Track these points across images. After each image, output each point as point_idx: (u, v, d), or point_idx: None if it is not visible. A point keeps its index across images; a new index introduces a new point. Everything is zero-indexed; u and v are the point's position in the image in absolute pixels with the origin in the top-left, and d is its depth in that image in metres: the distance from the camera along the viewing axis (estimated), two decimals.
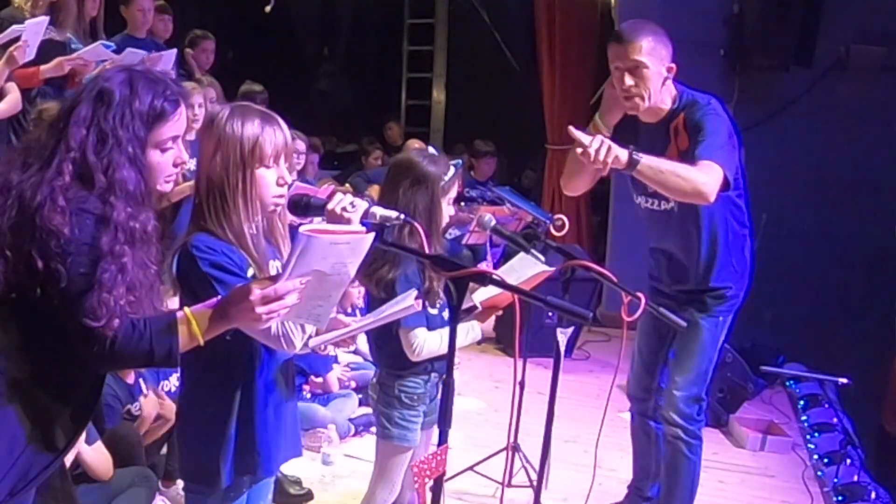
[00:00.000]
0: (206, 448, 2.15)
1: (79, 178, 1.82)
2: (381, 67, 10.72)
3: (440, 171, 2.71)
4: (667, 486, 3.48)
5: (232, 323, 1.86)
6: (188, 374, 2.26)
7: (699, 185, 2.91)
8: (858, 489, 4.15)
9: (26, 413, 1.87)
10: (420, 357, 2.68)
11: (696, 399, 3.35)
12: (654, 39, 3.04)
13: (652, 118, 3.18)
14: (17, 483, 1.89)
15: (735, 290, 3.35)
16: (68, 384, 1.92)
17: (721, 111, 3.13)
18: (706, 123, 3.04)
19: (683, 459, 3.38)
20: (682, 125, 3.11)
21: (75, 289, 1.76)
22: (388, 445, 2.79)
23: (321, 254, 1.81)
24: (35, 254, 1.76)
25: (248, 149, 2.09)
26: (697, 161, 2.95)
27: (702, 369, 3.34)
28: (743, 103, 6.52)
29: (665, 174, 2.91)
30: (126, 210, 1.82)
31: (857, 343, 5.83)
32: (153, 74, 1.94)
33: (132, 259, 1.81)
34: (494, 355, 5.89)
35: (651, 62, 3.03)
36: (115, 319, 1.77)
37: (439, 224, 2.72)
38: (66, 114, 1.88)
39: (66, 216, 1.77)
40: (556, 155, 7.64)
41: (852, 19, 6.35)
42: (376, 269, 2.66)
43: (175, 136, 1.94)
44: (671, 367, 3.43)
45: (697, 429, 3.38)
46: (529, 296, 2.28)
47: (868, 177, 6.35)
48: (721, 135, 3.04)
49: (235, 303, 1.82)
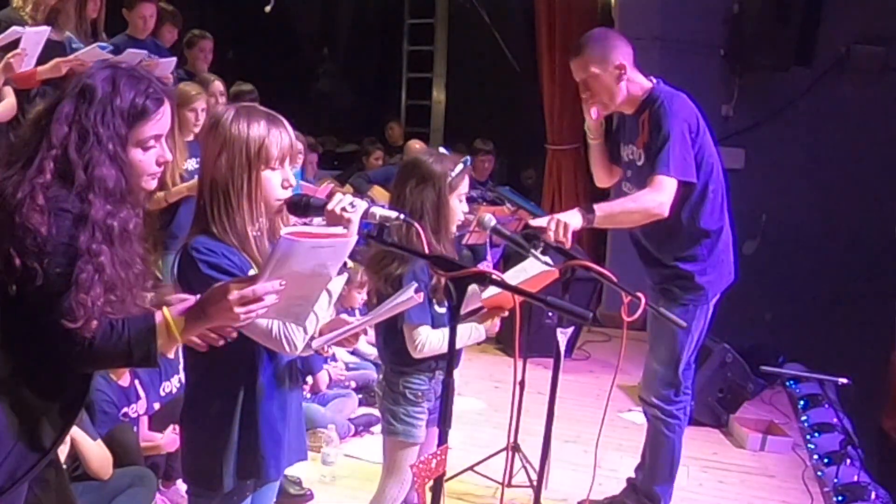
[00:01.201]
0: (208, 450, 2.14)
1: (60, 175, 1.81)
2: (381, 67, 10.71)
3: (446, 168, 2.71)
4: (650, 465, 3.69)
5: (210, 322, 1.84)
6: (191, 375, 2.26)
7: (650, 208, 3.22)
8: (858, 489, 4.14)
9: (13, 411, 1.86)
10: (422, 354, 2.69)
11: (669, 383, 3.55)
12: (598, 48, 3.33)
13: (629, 109, 3.43)
14: (5, 482, 1.88)
15: (703, 279, 3.43)
16: (54, 382, 1.90)
17: (678, 108, 3.31)
18: (662, 127, 3.27)
19: (662, 437, 3.61)
20: (647, 119, 3.35)
21: (52, 289, 1.75)
22: (394, 442, 2.81)
23: (302, 257, 1.80)
24: (13, 251, 1.75)
25: (253, 150, 2.08)
26: (651, 178, 3.23)
27: (672, 355, 3.52)
28: (743, 103, 6.53)
29: (617, 216, 3.28)
30: (105, 208, 1.80)
31: (857, 343, 5.83)
32: (137, 72, 1.91)
33: (110, 258, 1.79)
34: (494, 355, 5.89)
35: (599, 70, 3.31)
36: (93, 321, 1.75)
37: (448, 221, 2.72)
38: (50, 111, 1.86)
39: (45, 215, 1.76)
40: (556, 155, 7.65)
41: (852, 19, 6.35)
42: (385, 265, 2.67)
43: (158, 135, 1.92)
44: (648, 353, 3.64)
45: (675, 409, 3.59)
46: (530, 296, 2.28)
47: (868, 177, 6.35)
48: (674, 139, 3.25)
49: (213, 302, 1.80)
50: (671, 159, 3.22)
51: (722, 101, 6.44)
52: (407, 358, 2.73)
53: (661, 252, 3.48)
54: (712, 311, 3.54)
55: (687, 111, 3.33)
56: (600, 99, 3.37)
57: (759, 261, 6.33)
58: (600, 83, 3.34)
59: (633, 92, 3.36)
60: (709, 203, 3.39)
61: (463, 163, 2.78)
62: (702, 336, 3.59)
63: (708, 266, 3.44)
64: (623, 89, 3.34)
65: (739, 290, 3.64)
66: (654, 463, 3.67)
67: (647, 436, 3.69)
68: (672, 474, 3.68)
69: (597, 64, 3.31)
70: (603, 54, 3.32)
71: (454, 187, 2.72)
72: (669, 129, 3.24)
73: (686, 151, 3.27)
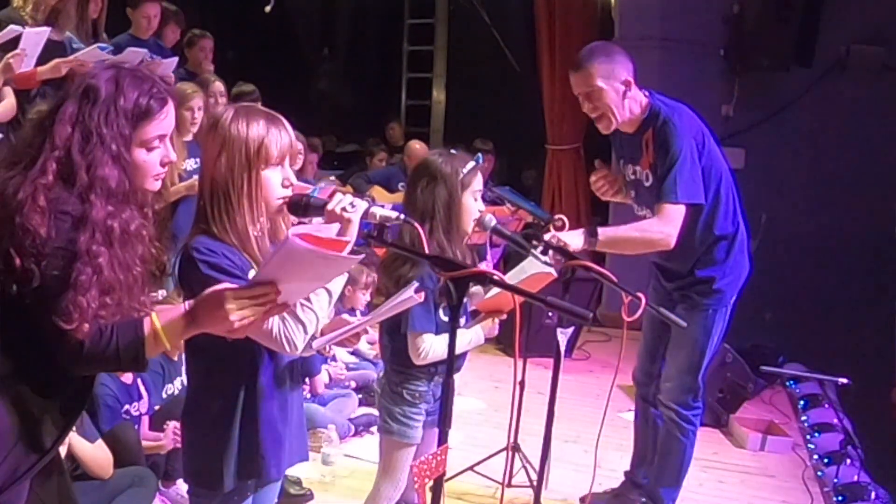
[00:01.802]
0: (209, 450, 2.14)
1: (62, 177, 1.80)
2: (381, 67, 10.71)
3: (457, 166, 2.71)
4: (658, 466, 3.66)
5: (202, 328, 1.82)
6: (193, 374, 2.27)
7: (655, 240, 3.21)
8: (858, 489, 4.14)
9: (14, 410, 1.86)
10: (425, 361, 2.69)
11: (689, 388, 3.52)
12: (604, 61, 3.24)
13: (629, 128, 3.35)
14: (5, 481, 1.88)
15: (722, 282, 3.42)
16: (54, 382, 1.90)
17: (683, 126, 3.25)
18: (669, 149, 3.20)
19: (676, 442, 3.56)
20: (651, 139, 3.28)
21: (49, 290, 1.75)
22: (389, 441, 2.80)
23: (305, 263, 1.79)
24: (13, 252, 1.74)
25: (253, 150, 2.08)
26: (658, 207, 3.20)
27: (693, 361, 3.49)
28: (743, 103, 6.54)
29: (620, 243, 3.26)
30: (106, 209, 1.79)
31: (857, 343, 5.83)
32: (140, 72, 1.91)
33: (109, 259, 1.78)
34: (494, 355, 5.89)
35: (604, 84, 3.22)
36: (86, 324, 1.74)
37: (461, 219, 2.71)
38: (53, 111, 1.86)
39: (46, 216, 1.75)
40: (556, 155, 7.65)
41: (852, 19, 6.36)
42: (397, 267, 2.67)
43: (162, 135, 1.91)
44: (667, 358, 3.59)
45: (692, 415, 3.55)
46: (529, 296, 2.28)
47: (868, 177, 6.35)
48: (682, 161, 3.19)
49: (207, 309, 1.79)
50: (679, 184, 3.16)
51: (722, 101, 6.44)
52: (408, 360, 2.72)
53: (678, 265, 3.45)
54: (730, 312, 3.52)
55: (691, 125, 3.27)
56: (605, 112, 3.27)
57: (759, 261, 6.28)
58: (604, 98, 3.24)
59: (634, 110, 3.29)
60: (722, 207, 3.37)
61: (475, 160, 2.78)
62: (721, 339, 3.57)
63: (726, 269, 3.42)
64: (624, 107, 3.26)
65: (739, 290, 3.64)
66: (664, 465, 3.62)
67: (659, 437, 3.65)
68: (679, 479, 3.64)
69: (602, 78, 3.22)
70: (609, 68, 3.22)
71: (466, 184, 2.71)
72: (678, 151, 3.17)
73: (695, 172, 3.21)
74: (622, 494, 3.84)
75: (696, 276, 3.42)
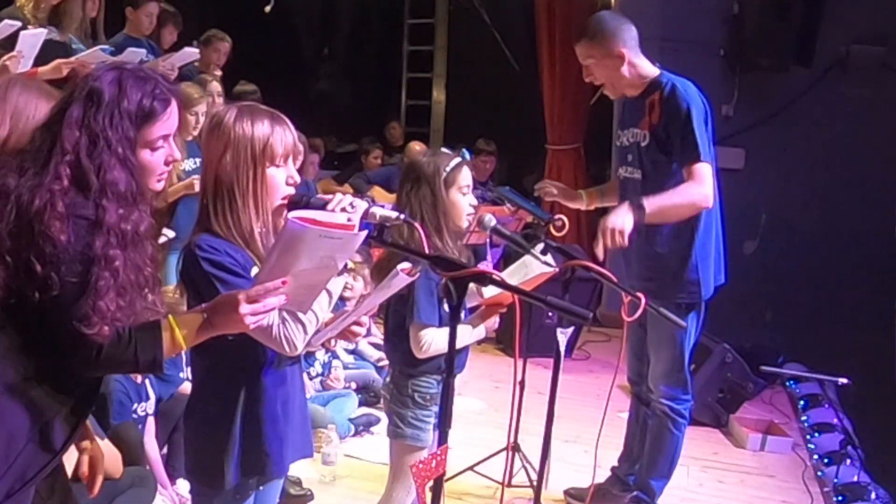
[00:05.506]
0: (210, 447, 2.15)
1: (76, 181, 1.81)
2: (381, 67, 10.71)
3: (440, 165, 2.71)
4: (649, 458, 3.71)
5: (218, 330, 1.86)
6: (196, 371, 2.27)
7: (697, 202, 3.25)
8: (858, 489, 4.14)
9: (27, 412, 1.87)
10: (427, 354, 2.69)
11: (677, 381, 3.57)
12: (598, 36, 3.34)
13: (633, 91, 3.45)
14: (14, 483, 1.88)
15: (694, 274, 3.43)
16: (66, 384, 1.91)
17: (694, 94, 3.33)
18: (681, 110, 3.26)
19: (668, 434, 3.63)
20: (657, 101, 3.34)
21: (67, 296, 1.76)
22: (401, 445, 2.79)
23: (309, 245, 1.80)
24: (34, 259, 1.75)
25: (258, 148, 2.09)
26: (689, 169, 3.23)
27: (676, 354, 3.54)
28: (743, 103, 6.52)
29: (667, 211, 3.24)
30: (118, 212, 1.81)
31: (857, 343, 5.82)
32: (143, 72, 1.91)
33: (124, 262, 1.80)
34: (494, 355, 5.89)
35: (598, 59, 3.36)
36: (106, 327, 1.76)
37: (449, 218, 2.71)
38: (59, 114, 1.86)
39: (65, 222, 1.76)
40: (557, 155, 7.64)
41: (852, 19, 6.34)
42: (393, 266, 2.66)
43: (166, 135, 1.92)
44: (651, 357, 3.64)
45: (683, 408, 3.62)
46: (529, 296, 2.28)
47: (868, 177, 6.34)
48: (696, 123, 3.25)
49: (223, 312, 1.83)
50: (700, 145, 3.23)
51: (722, 101, 6.43)
52: (415, 360, 2.72)
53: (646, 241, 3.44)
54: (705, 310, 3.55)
55: (701, 99, 3.35)
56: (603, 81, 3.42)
57: (759, 261, 6.33)
58: (600, 71, 3.39)
59: (635, 74, 3.38)
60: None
61: (460, 156, 2.78)
62: (698, 334, 3.62)
63: (705, 268, 3.43)
64: (625, 73, 3.36)
65: (739, 290, 3.65)
66: (654, 457, 3.68)
67: (652, 432, 3.69)
68: (670, 471, 3.71)
69: (596, 53, 3.36)
70: (602, 43, 3.34)
71: (451, 182, 2.71)
72: (690, 111, 3.25)
73: (708, 137, 3.29)
74: (607, 490, 3.86)
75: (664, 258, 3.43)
